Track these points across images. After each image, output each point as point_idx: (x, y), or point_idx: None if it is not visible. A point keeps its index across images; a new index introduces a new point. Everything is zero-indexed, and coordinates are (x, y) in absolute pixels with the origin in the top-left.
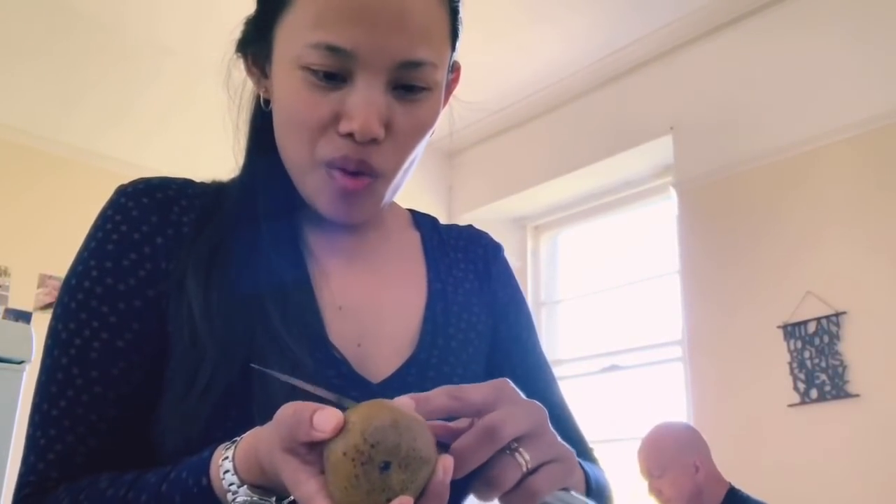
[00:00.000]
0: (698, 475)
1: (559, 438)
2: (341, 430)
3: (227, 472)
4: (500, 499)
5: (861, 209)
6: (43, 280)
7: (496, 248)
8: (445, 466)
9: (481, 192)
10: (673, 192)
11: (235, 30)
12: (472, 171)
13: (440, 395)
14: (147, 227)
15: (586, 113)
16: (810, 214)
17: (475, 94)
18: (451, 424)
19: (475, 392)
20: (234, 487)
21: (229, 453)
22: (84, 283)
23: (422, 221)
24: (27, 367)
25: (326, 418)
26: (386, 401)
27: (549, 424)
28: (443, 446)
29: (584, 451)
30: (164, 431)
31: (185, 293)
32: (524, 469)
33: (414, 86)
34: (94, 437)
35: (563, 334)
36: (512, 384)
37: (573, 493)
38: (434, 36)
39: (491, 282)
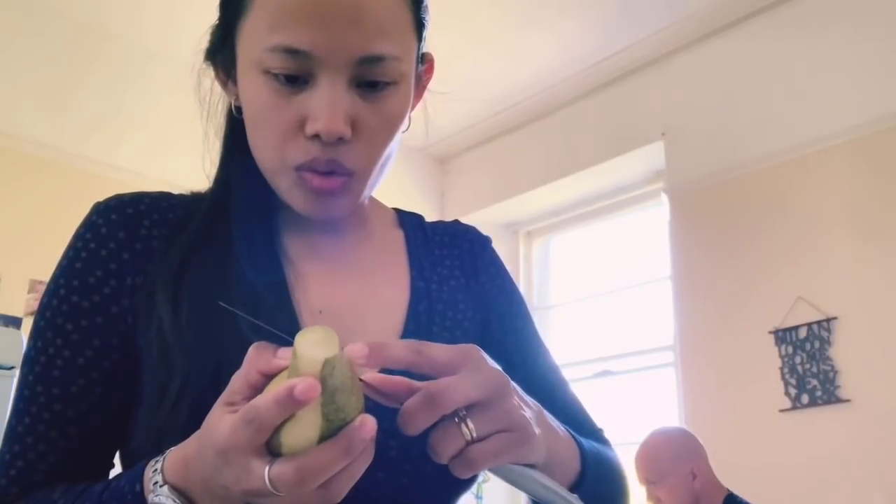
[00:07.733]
0: (696, 482)
1: (520, 408)
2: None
3: (155, 471)
4: (448, 464)
5: (852, 215)
6: (33, 285)
7: (483, 241)
8: (364, 421)
9: (473, 197)
10: (664, 198)
11: (203, 39)
12: (464, 177)
13: (400, 347)
14: (114, 243)
15: (578, 118)
16: (801, 220)
17: (468, 99)
18: (416, 384)
19: (439, 352)
20: (156, 487)
21: (161, 458)
22: (53, 301)
23: (406, 220)
24: (16, 372)
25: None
26: (329, 357)
27: (511, 393)
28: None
29: (590, 431)
30: (138, 446)
31: (155, 307)
32: (467, 438)
33: (377, 81)
34: (54, 455)
35: (555, 340)
36: (481, 352)
37: (524, 468)
38: (393, 28)
39: (478, 275)
